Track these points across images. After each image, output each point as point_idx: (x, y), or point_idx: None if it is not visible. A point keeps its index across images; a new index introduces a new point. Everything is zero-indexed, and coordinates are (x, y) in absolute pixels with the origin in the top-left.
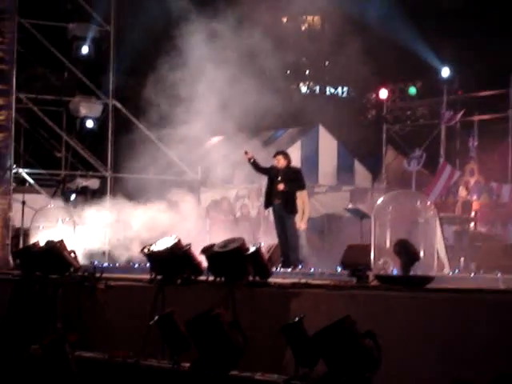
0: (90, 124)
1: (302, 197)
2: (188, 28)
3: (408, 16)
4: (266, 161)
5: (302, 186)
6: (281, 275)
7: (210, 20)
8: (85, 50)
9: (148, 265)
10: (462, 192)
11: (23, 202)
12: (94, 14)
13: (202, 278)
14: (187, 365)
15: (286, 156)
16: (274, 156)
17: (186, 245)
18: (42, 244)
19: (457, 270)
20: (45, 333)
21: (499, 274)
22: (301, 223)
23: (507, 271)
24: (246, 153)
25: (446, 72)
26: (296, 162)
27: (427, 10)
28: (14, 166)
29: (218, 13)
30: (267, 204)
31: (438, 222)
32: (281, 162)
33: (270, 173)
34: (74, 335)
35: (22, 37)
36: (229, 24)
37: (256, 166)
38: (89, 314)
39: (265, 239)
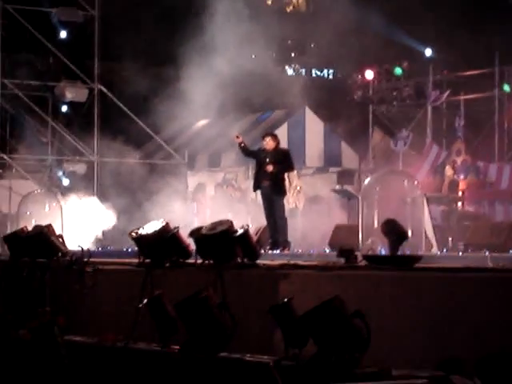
0: (63, 109)
1: (296, 179)
2: (171, 11)
3: None
4: (253, 143)
5: (291, 168)
6: (269, 257)
7: (195, 5)
8: (69, 34)
9: (136, 249)
10: (449, 172)
11: (10, 188)
12: None
13: (191, 260)
14: (177, 347)
15: (275, 137)
16: (263, 137)
17: (174, 228)
18: (29, 229)
19: (445, 249)
20: (34, 317)
21: (487, 253)
22: (300, 204)
23: (495, 249)
24: (237, 137)
25: (428, 52)
26: (283, 144)
27: None
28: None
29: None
30: (256, 186)
31: (425, 202)
32: (269, 144)
33: (259, 155)
34: (63, 318)
35: (5, 22)
36: (213, 8)
37: (245, 150)
38: (78, 299)
39: (255, 221)
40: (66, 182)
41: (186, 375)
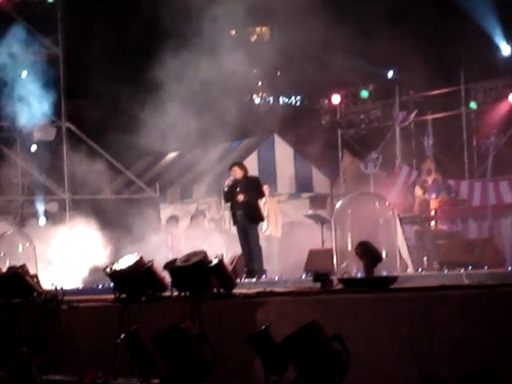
0: (32, 148)
1: (272, 205)
2: (135, 44)
3: (352, 20)
4: (223, 174)
5: (261, 195)
6: (245, 286)
7: (162, 37)
8: (35, 74)
9: (111, 284)
10: (418, 191)
11: None
12: (42, 37)
13: (167, 293)
14: (156, 381)
15: (242, 166)
16: (230, 168)
17: (148, 261)
18: (3, 270)
19: (420, 269)
20: (10, 358)
21: (462, 270)
22: (277, 231)
23: (470, 266)
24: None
25: (391, 73)
26: (254, 172)
27: (368, 14)
28: None
29: (168, 31)
30: (234, 221)
31: (398, 222)
32: (237, 173)
33: (231, 189)
34: (40, 358)
35: None
36: (179, 41)
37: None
38: (54, 337)
39: (229, 250)
40: (42, 220)
41: None
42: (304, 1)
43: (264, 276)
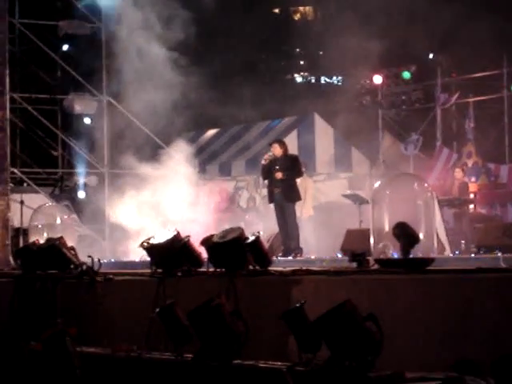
0: (86, 121)
1: (304, 184)
2: (179, 23)
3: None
4: (262, 152)
5: (299, 173)
6: (282, 264)
7: (205, 14)
8: (76, 47)
9: (148, 259)
10: (458, 174)
11: (21, 202)
12: (84, 10)
13: (203, 269)
14: (190, 356)
15: (282, 144)
16: (270, 144)
17: (185, 237)
18: (41, 242)
19: (457, 252)
20: (45, 329)
21: (499, 254)
22: (303, 210)
23: (507, 250)
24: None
25: (433, 55)
26: (293, 151)
27: None
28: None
29: (210, 9)
30: (271, 198)
31: (436, 204)
32: (277, 150)
33: (270, 167)
34: (74, 329)
35: (12, 37)
36: (222, 18)
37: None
38: (90, 310)
39: (267, 229)
40: (81, 193)
41: (199, 383)
42: None
43: (300, 254)
